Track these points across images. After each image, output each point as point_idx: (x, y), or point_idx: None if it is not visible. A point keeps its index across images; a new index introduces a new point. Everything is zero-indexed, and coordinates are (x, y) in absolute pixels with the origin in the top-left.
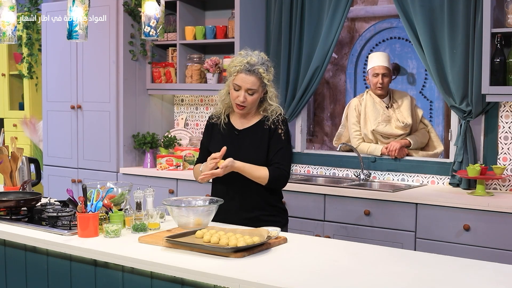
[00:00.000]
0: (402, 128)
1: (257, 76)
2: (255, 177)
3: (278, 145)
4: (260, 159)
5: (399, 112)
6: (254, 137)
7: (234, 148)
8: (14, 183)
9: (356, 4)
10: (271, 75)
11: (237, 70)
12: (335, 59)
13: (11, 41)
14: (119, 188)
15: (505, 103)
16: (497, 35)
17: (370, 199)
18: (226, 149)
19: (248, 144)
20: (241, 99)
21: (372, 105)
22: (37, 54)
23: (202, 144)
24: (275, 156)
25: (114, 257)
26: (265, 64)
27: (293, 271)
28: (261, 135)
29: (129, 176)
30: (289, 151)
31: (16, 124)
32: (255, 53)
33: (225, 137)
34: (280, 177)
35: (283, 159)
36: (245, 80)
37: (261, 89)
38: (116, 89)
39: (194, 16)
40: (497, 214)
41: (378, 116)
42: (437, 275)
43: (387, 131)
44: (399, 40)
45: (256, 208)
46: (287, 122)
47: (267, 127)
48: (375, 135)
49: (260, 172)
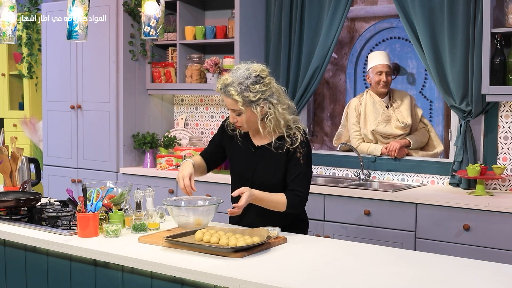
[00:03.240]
0: (402, 128)
1: (231, 98)
2: (273, 206)
3: (296, 170)
4: (277, 183)
5: (398, 112)
6: (271, 158)
7: (251, 167)
8: (14, 183)
9: (356, 4)
10: (251, 94)
11: (220, 93)
12: (335, 59)
13: (11, 41)
14: (119, 188)
15: (505, 103)
16: (497, 35)
17: (370, 199)
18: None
19: (264, 165)
20: (231, 120)
21: (372, 105)
22: (37, 54)
23: (213, 140)
24: (293, 182)
25: (114, 257)
26: (244, 82)
27: (293, 271)
28: (278, 157)
29: (129, 176)
30: (308, 175)
31: (16, 124)
32: (243, 68)
33: (241, 152)
34: (299, 204)
35: (301, 185)
36: (225, 101)
37: (248, 109)
38: (116, 89)
39: (194, 16)
40: (497, 214)
41: (378, 116)
42: (437, 275)
43: (387, 131)
44: (399, 40)
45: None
46: (308, 141)
47: (286, 149)
48: (375, 135)
49: (278, 200)
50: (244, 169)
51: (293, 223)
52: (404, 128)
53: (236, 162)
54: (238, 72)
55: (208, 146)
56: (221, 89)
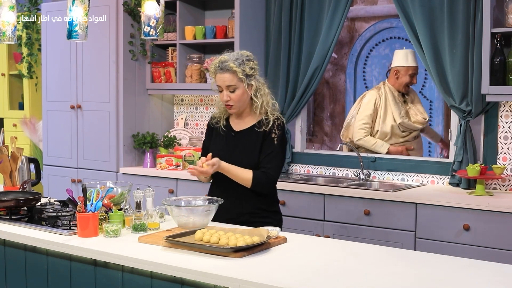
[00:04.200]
0: (422, 123)
1: (229, 71)
2: (239, 179)
3: (269, 149)
4: (252, 162)
5: (414, 107)
6: (249, 140)
7: (229, 150)
8: (14, 183)
9: (356, 4)
10: (247, 68)
11: (213, 71)
12: (335, 59)
13: (11, 41)
14: (119, 188)
15: (504, 103)
16: (497, 35)
17: (370, 199)
18: (211, 155)
19: (242, 146)
20: (225, 98)
21: (393, 99)
22: (37, 54)
23: (204, 144)
24: (264, 159)
25: (114, 257)
26: (239, 59)
27: (293, 271)
28: (256, 138)
29: (129, 176)
30: (279, 156)
31: (16, 124)
32: (233, 52)
33: (222, 138)
34: (265, 182)
35: (270, 164)
36: (221, 78)
37: (242, 84)
38: (116, 89)
39: (194, 16)
40: (497, 214)
41: (401, 111)
42: (437, 275)
43: (410, 125)
44: (399, 40)
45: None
46: (284, 126)
47: (262, 130)
48: (393, 130)
49: (244, 175)
50: (222, 152)
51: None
52: (424, 123)
53: (215, 147)
54: (230, 54)
55: (202, 152)
56: (218, 66)
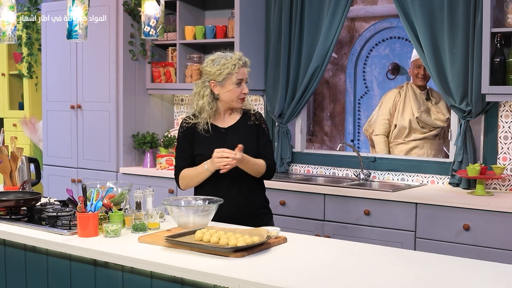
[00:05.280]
0: (443, 121)
1: (247, 66)
2: (257, 166)
3: (264, 139)
4: (251, 154)
5: (437, 107)
6: (242, 133)
7: (224, 145)
8: (14, 183)
9: (356, 3)
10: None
11: (238, 66)
12: (335, 59)
13: (11, 41)
14: (119, 188)
15: (505, 103)
16: (497, 35)
17: (370, 198)
18: (242, 146)
19: (237, 140)
20: (246, 90)
21: (413, 95)
22: (37, 53)
23: (182, 151)
24: (263, 150)
25: (114, 257)
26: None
27: (293, 270)
28: (249, 131)
29: (129, 175)
30: (272, 144)
31: (16, 124)
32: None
33: (210, 137)
34: (273, 167)
35: (270, 152)
36: (243, 72)
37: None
38: (116, 89)
39: (194, 15)
40: (497, 214)
41: (420, 106)
42: (437, 275)
43: (428, 121)
44: (399, 40)
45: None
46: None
47: (252, 123)
48: (411, 125)
49: (260, 162)
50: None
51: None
52: (444, 122)
53: (206, 146)
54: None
55: (182, 158)
56: (240, 60)
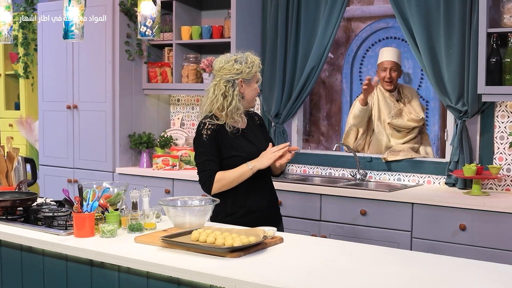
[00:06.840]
0: (416, 121)
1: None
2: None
3: (268, 138)
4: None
5: (410, 106)
6: (256, 132)
7: (252, 146)
8: (10, 183)
9: (352, 4)
10: None
11: (256, 70)
12: (331, 59)
13: (7, 41)
14: (115, 188)
15: (501, 103)
16: (493, 35)
17: (366, 199)
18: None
19: (256, 139)
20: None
21: (383, 99)
22: (33, 54)
23: (211, 154)
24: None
25: (110, 257)
26: None
27: (289, 271)
28: (259, 131)
29: (125, 176)
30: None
31: (12, 124)
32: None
33: (237, 138)
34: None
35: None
36: (259, 77)
37: None
38: (112, 89)
39: (190, 16)
40: (493, 214)
41: (390, 110)
42: (433, 275)
43: (401, 124)
44: (395, 40)
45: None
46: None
47: (257, 122)
48: (386, 129)
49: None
50: (248, 150)
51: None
52: (418, 121)
53: (239, 147)
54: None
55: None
56: (260, 64)
